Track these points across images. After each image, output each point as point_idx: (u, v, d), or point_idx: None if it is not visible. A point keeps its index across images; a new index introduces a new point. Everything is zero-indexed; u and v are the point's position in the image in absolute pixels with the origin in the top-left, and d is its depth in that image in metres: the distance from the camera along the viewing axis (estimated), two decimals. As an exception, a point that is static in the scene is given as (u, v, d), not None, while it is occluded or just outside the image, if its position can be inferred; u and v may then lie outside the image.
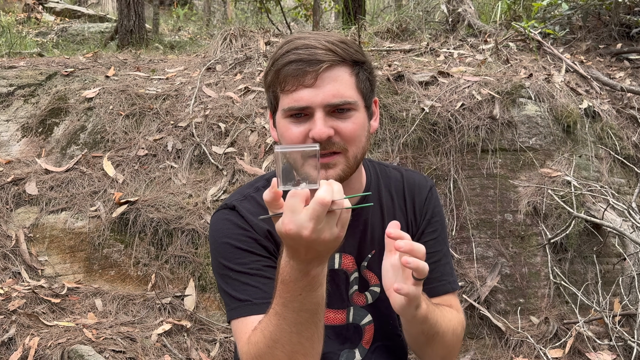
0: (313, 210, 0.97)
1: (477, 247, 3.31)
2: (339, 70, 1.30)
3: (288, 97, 1.30)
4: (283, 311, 1.09)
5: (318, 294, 1.08)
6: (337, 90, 1.29)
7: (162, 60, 4.97)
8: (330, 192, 0.98)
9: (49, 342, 2.68)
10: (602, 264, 3.38)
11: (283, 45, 1.34)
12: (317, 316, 1.10)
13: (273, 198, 1.02)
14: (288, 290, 1.07)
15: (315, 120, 1.28)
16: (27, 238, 3.29)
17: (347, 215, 1.03)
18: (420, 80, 3.79)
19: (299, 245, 1.01)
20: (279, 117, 1.35)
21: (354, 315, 1.44)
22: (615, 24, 4.86)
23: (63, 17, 10.37)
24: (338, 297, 1.42)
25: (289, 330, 1.09)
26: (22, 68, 4.35)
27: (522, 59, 4.36)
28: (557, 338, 3.12)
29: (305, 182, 1.01)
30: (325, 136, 1.27)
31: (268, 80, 1.36)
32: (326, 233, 1.00)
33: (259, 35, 4.73)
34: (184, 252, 3.21)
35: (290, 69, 1.28)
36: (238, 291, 1.29)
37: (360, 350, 1.44)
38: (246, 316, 1.26)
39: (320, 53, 1.28)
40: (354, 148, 1.32)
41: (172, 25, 10.39)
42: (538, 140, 3.57)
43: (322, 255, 1.04)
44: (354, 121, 1.32)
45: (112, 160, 3.59)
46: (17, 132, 3.86)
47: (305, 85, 1.27)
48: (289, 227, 0.99)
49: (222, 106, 3.86)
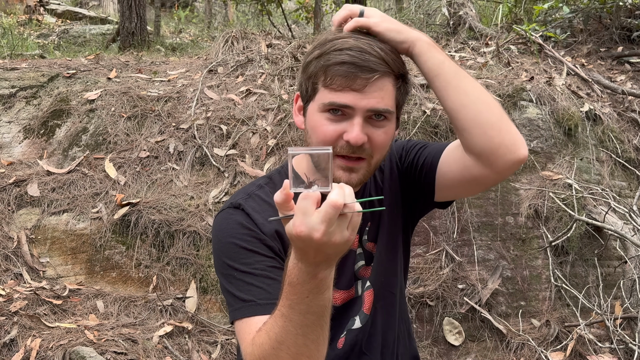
0: (325, 213, 0.98)
1: (478, 250, 3.31)
2: (386, 81, 1.31)
3: (331, 93, 1.30)
4: (289, 313, 1.09)
5: (325, 297, 1.08)
6: (381, 98, 1.30)
7: (163, 62, 4.98)
8: (342, 195, 0.99)
9: (51, 344, 2.68)
10: (603, 266, 3.38)
11: (333, 39, 1.33)
12: (323, 319, 1.11)
13: (284, 200, 1.02)
14: (295, 292, 1.07)
15: (354, 124, 1.29)
16: (28, 239, 3.30)
17: (357, 219, 1.03)
18: (421, 82, 3.80)
19: (309, 247, 1.01)
20: (313, 109, 1.35)
21: (360, 287, 1.47)
22: (616, 27, 4.87)
23: (64, 19, 10.38)
24: (348, 276, 1.44)
25: (294, 332, 1.09)
26: (24, 70, 4.36)
27: (523, 62, 4.36)
28: (559, 341, 3.12)
29: (316, 185, 1.02)
30: (361, 142, 1.29)
31: (310, 70, 1.34)
32: (337, 236, 1.00)
33: (261, 38, 4.74)
34: (186, 254, 3.21)
35: (342, 69, 1.28)
36: (242, 291, 1.28)
37: (361, 317, 1.46)
38: (250, 317, 1.26)
39: (373, 61, 1.29)
40: (378, 156, 1.35)
41: (174, 28, 10.41)
42: (539, 143, 3.57)
43: (331, 258, 1.04)
44: (386, 131, 1.34)
45: (114, 162, 3.59)
46: (19, 134, 3.86)
47: (353, 89, 1.28)
48: (300, 229, 0.99)
49: (224, 108, 3.87)
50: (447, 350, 3.16)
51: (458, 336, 3.17)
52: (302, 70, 1.39)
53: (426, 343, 3.15)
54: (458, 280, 3.23)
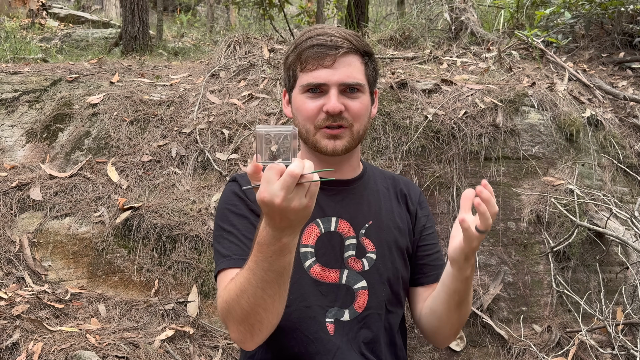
0: (284, 181, 1.12)
1: (479, 255, 3.31)
2: (353, 57, 1.52)
3: (307, 75, 1.51)
4: (254, 267, 1.25)
5: (286, 260, 1.24)
6: (350, 72, 1.51)
7: (166, 66, 4.99)
8: (300, 167, 1.13)
9: (53, 348, 2.68)
10: (604, 272, 3.38)
11: (305, 32, 1.56)
12: (282, 278, 1.26)
13: (254, 171, 1.17)
14: (261, 251, 1.23)
15: (330, 96, 1.49)
16: (31, 243, 3.30)
17: (315, 188, 1.17)
18: (423, 88, 3.81)
19: (273, 212, 1.16)
20: (296, 94, 1.55)
21: (348, 278, 1.56)
22: (618, 33, 4.88)
23: (67, 23, 10.41)
24: (332, 257, 1.56)
25: (255, 285, 1.26)
26: (27, 74, 4.38)
27: (525, 67, 4.37)
28: (560, 346, 3.12)
29: (280, 159, 1.16)
30: (338, 110, 1.49)
31: (289, 61, 1.56)
32: (295, 202, 1.14)
33: (263, 43, 4.75)
34: (187, 258, 3.22)
35: (312, 51, 1.50)
36: (224, 248, 1.48)
37: (351, 312, 1.55)
38: (227, 269, 1.45)
39: (338, 40, 1.50)
40: (357, 124, 1.54)
41: (176, 32, 10.43)
42: (541, 148, 3.58)
43: (294, 224, 1.19)
44: (361, 101, 1.53)
45: (116, 166, 3.60)
46: (21, 138, 3.87)
47: (324, 66, 1.49)
48: (264, 195, 1.14)
49: (226, 113, 3.87)
50: (449, 356, 3.16)
51: (459, 342, 3.17)
52: (283, 64, 1.63)
53: (427, 348, 3.15)
54: (459, 285, 3.23)
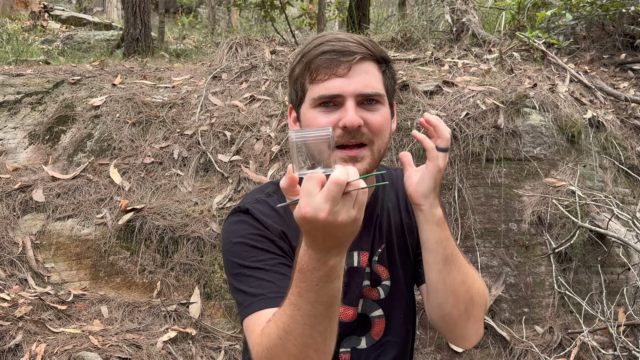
0: (329, 192, 0.96)
1: (481, 257, 3.31)
2: (369, 64, 1.33)
3: (319, 86, 1.30)
4: (298, 301, 1.07)
5: (335, 286, 1.06)
6: (368, 81, 1.31)
7: (168, 68, 5.00)
8: (345, 173, 0.97)
9: (55, 349, 2.69)
10: (606, 273, 3.38)
11: (313, 40, 1.35)
12: (331, 309, 1.08)
13: (289, 184, 1.01)
14: (305, 279, 1.05)
15: (347, 108, 1.29)
16: (33, 245, 3.31)
17: (363, 197, 1.00)
18: (424, 89, 3.81)
19: (317, 230, 0.99)
20: (306, 109, 1.34)
21: (364, 306, 1.44)
22: (619, 34, 4.88)
23: (69, 25, 10.43)
24: (354, 294, 1.41)
25: (302, 322, 1.07)
26: (30, 76, 4.39)
27: (526, 68, 4.38)
28: (562, 348, 3.12)
29: (320, 167, 1.00)
30: (357, 124, 1.28)
31: (296, 73, 1.36)
32: (343, 215, 0.98)
33: (265, 44, 4.76)
34: (190, 260, 3.22)
35: (324, 59, 1.30)
36: (252, 287, 1.27)
37: (368, 339, 1.44)
38: (260, 310, 1.24)
39: (352, 45, 1.30)
40: (379, 141, 1.33)
41: (178, 34, 10.44)
42: (542, 149, 3.58)
43: (340, 242, 1.02)
44: (381, 114, 1.33)
45: (119, 167, 3.61)
46: (24, 140, 3.88)
47: (338, 75, 1.29)
48: (306, 210, 0.98)
49: (228, 114, 3.88)
50: (451, 357, 3.16)
51: (461, 343, 3.17)
52: (289, 78, 1.41)
53: (429, 350, 3.16)
54: (461, 286, 3.24)
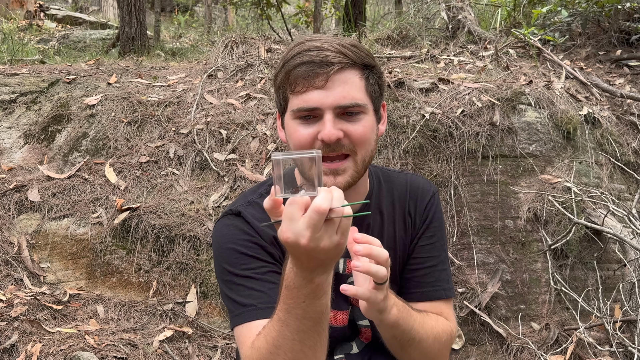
0: (310, 219, 0.95)
1: (477, 254, 3.31)
2: (350, 73, 1.30)
3: (298, 98, 1.29)
4: (286, 317, 1.07)
5: (322, 302, 1.06)
6: (347, 92, 1.28)
7: (163, 67, 4.99)
8: (328, 199, 0.95)
9: (51, 349, 2.68)
10: (602, 270, 3.39)
11: (294, 46, 1.33)
12: (320, 325, 1.08)
13: (272, 206, 1.00)
14: (292, 296, 1.05)
15: (325, 122, 1.27)
16: (29, 245, 3.30)
17: (347, 223, 1.00)
18: (420, 87, 3.81)
19: (300, 253, 0.99)
20: (288, 119, 1.34)
21: (352, 313, 1.46)
22: (614, 31, 4.88)
23: (64, 24, 10.40)
24: (342, 299, 1.42)
25: (291, 337, 1.07)
26: (25, 75, 4.38)
27: (522, 65, 4.38)
28: (558, 344, 3.12)
29: (304, 190, 0.99)
30: (335, 138, 1.26)
31: (278, 81, 1.35)
32: (325, 241, 0.97)
33: (260, 43, 4.75)
34: (186, 259, 3.22)
35: (301, 70, 1.27)
36: (243, 296, 1.27)
37: (358, 343, 1.45)
38: (250, 321, 1.24)
39: (331, 55, 1.27)
40: (362, 151, 1.31)
41: (174, 32, 10.43)
42: (538, 146, 3.58)
43: (325, 263, 1.02)
44: (363, 124, 1.31)
45: (114, 167, 3.60)
46: (19, 139, 3.87)
47: (316, 87, 1.27)
48: (287, 236, 0.98)
49: (224, 113, 3.88)
50: (447, 354, 3.17)
51: (458, 340, 3.17)
52: (273, 84, 1.40)
53: (426, 347, 3.16)
54: (457, 283, 3.24)
